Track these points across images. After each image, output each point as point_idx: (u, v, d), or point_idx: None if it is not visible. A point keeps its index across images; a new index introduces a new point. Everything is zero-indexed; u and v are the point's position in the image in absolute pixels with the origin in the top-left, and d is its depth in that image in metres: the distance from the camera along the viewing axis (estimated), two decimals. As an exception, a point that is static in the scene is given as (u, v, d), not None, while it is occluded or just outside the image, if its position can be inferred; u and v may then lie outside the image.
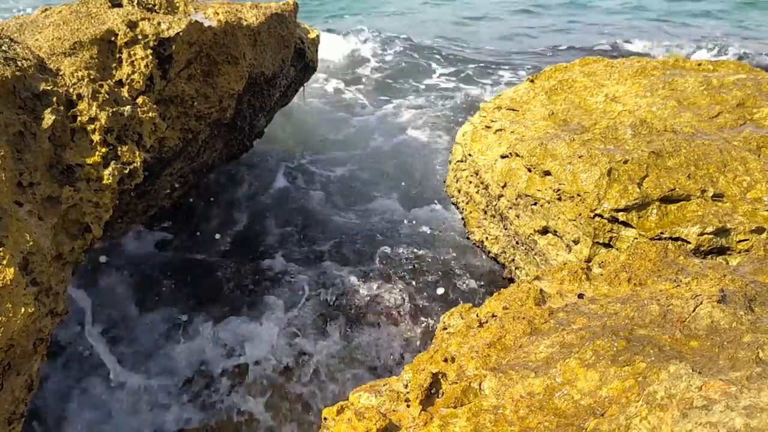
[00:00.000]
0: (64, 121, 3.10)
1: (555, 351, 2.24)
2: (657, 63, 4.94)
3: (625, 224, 3.51)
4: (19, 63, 2.99)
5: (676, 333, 2.17)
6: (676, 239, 3.34)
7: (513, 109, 4.79)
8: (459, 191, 5.28)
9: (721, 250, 3.35)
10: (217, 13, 4.42)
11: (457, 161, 5.27)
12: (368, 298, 4.68)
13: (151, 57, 3.76)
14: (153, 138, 3.58)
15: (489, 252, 4.95)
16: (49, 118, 2.98)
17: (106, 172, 3.21)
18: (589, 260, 3.46)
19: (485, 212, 4.87)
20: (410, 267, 5.18)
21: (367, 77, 10.19)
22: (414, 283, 4.97)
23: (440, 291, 4.88)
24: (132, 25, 3.76)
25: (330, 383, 3.76)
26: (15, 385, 2.51)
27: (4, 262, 2.35)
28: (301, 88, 6.96)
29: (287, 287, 4.92)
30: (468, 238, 5.19)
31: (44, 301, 2.72)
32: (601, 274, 2.88)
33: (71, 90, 3.24)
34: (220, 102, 4.59)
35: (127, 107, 3.42)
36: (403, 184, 6.66)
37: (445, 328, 2.75)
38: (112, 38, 3.68)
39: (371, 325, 4.32)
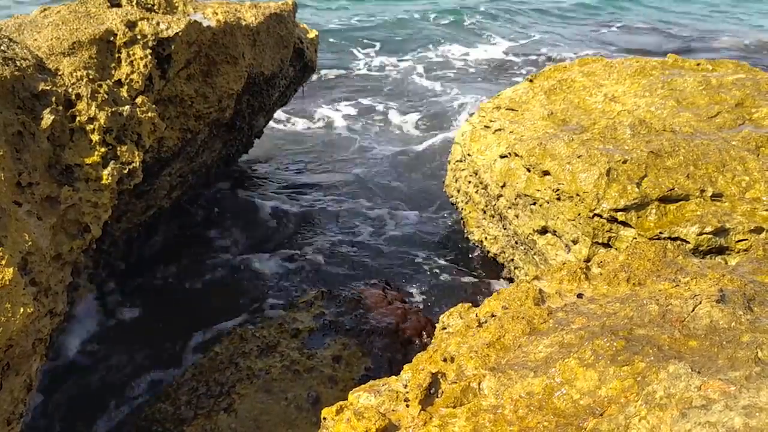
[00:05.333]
0: (63, 121, 3.10)
1: (554, 351, 2.24)
2: (656, 63, 4.95)
3: (624, 224, 3.51)
4: (17, 63, 2.99)
5: (675, 333, 2.17)
6: (675, 239, 3.35)
7: (512, 109, 4.80)
8: (458, 191, 5.28)
9: (720, 250, 3.35)
10: (216, 13, 4.42)
11: (456, 161, 5.27)
12: (366, 297, 4.67)
13: (150, 57, 3.76)
14: (152, 138, 3.57)
15: (488, 252, 4.95)
16: (48, 118, 2.98)
17: (105, 172, 3.21)
18: (588, 260, 3.46)
19: (484, 212, 4.87)
20: (409, 267, 5.17)
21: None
22: (413, 282, 4.97)
23: (439, 290, 4.88)
24: (131, 25, 3.76)
25: (330, 383, 3.76)
26: (14, 385, 2.51)
27: (3, 262, 2.35)
28: (301, 88, 6.96)
29: (286, 290, 4.92)
30: (467, 238, 5.20)
31: (43, 301, 2.71)
32: (600, 274, 2.89)
33: (70, 90, 3.24)
34: (219, 102, 4.59)
35: (126, 107, 3.42)
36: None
37: (444, 328, 2.75)
38: (111, 38, 3.68)
39: (370, 324, 4.32)
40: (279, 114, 8.14)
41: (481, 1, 15.95)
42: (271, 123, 7.57)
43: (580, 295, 2.72)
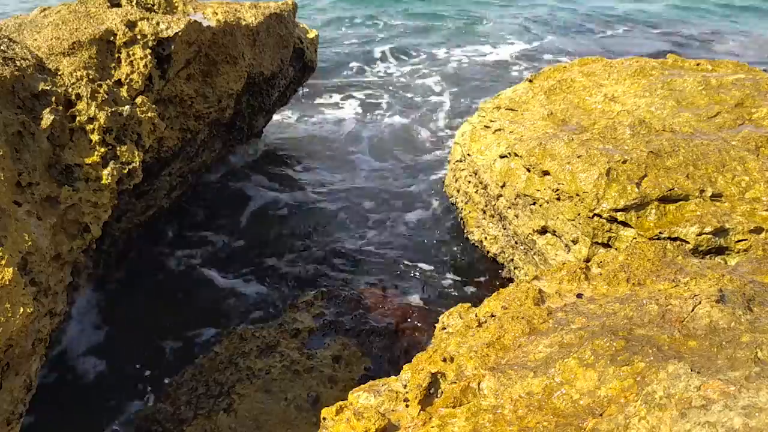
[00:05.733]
0: (63, 121, 3.10)
1: (554, 351, 2.24)
2: (656, 63, 4.95)
3: (624, 224, 3.51)
4: (17, 63, 2.99)
5: (675, 333, 2.17)
6: (675, 239, 3.35)
7: (512, 109, 4.80)
8: (458, 191, 5.28)
9: (720, 250, 3.36)
10: (216, 13, 4.43)
11: (456, 161, 5.27)
12: (366, 297, 4.68)
13: (150, 57, 3.76)
14: (152, 138, 3.58)
15: (488, 252, 4.95)
16: (47, 118, 2.98)
17: (105, 172, 3.21)
18: (587, 260, 3.46)
19: (484, 212, 4.87)
20: (409, 267, 5.18)
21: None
22: (413, 282, 4.97)
23: (439, 290, 4.88)
24: (131, 24, 3.76)
25: (330, 383, 3.76)
26: (14, 385, 2.51)
27: (3, 262, 2.35)
28: (300, 88, 6.97)
29: (285, 289, 4.92)
30: (467, 238, 5.20)
31: (43, 301, 2.72)
32: (600, 274, 2.89)
33: (70, 90, 3.24)
34: (218, 102, 4.59)
35: (126, 107, 3.42)
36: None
37: (444, 328, 2.75)
38: (111, 38, 3.68)
39: (370, 324, 4.32)
40: (281, 112, 8.14)
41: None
42: (273, 121, 7.57)
43: (579, 295, 2.72)
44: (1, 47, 3.03)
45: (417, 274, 5.07)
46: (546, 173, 3.91)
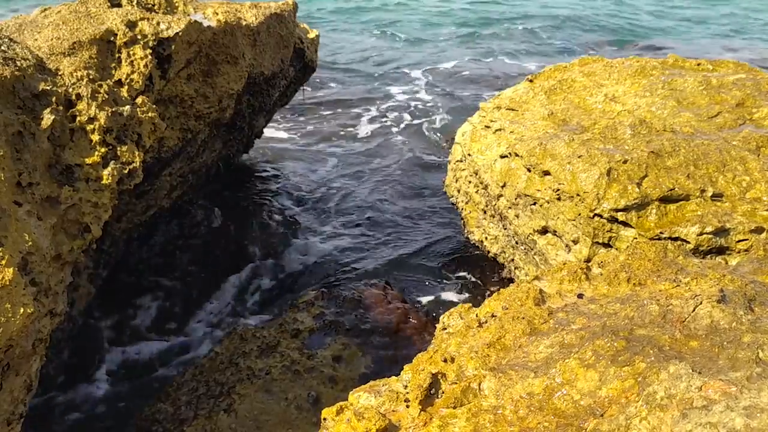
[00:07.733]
0: (63, 121, 3.10)
1: (555, 351, 2.24)
2: (656, 63, 4.94)
3: (625, 224, 3.51)
4: (18, 63, 2.99)
5: (676, 333, 2.17)
6: (676, 239, 3.34)
7: (512, 109, 4.79)
8: (458, 191, 5.28)
9: (721, 250, 3.35)
10: (217, 13, 4.42)
11: (457, 161, 5.27)
12: (366, 297, 4.68)
13: (150, 57, 3.76)
14: (152, 138, 3.57)
15: (488, 252, 4.95)
16: (48, 118, 2.98)
17: (106, 172, 3.21)
18: (588, 260, 3.46)
19: (485, 212, 4.87)
20: (409, 266, 5.17)
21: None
22: (413, 282, 4.96)
23: (439, 290, 4.87)
24: (131, 24, 3.76)
25: (331, 383, 3.76)
26: (14, 385, 2.51)
27: (3, 262, 2.35)
28: (301, 89, 6.97)
29: (285, 290, 4.92)
30: (467, 238, 5.19)
31: (43, 301, 2.71)
32: (601, 274, 2.88)
33: (70, 90, 3.23)
34: (219, 102, 4.59)
35: (127, 107, 3.42)
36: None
37: (444, 328, 2.75)
38: (112, 38, 3.68)
39: (370, 324, 4.32)
40: (279, 115, 8.14)
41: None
42: (273, 124, 7.57)
43: (580, 296, 2.72)
44: (2, 47, 3.02)
45: (417, 274, 5.07)
46: (546, 173, 3.91)
